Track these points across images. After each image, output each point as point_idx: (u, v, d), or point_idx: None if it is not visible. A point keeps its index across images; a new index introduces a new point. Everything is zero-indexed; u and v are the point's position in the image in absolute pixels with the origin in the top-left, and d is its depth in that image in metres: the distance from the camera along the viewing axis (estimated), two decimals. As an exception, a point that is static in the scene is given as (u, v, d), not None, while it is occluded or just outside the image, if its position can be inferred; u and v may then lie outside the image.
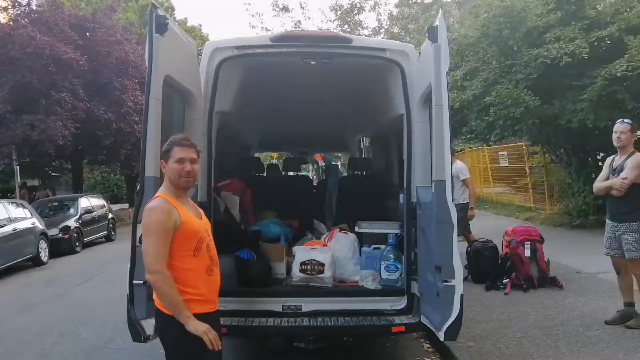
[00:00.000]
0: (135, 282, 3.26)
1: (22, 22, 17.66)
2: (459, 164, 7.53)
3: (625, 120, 4.88)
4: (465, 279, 5.34)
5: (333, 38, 4.40)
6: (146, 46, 3.34)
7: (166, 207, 2.57)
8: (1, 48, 16.14)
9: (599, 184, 4.97)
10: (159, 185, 3.34)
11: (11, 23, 17.80)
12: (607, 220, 4.99)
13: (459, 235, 4.54)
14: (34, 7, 18.95)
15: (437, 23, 3.56)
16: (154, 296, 2.69)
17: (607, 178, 4.88)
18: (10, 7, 18.59)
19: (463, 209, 7.06)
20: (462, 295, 3.38)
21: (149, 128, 3.27)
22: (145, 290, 3.24)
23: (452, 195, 3.51)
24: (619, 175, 4.73)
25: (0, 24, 17.97)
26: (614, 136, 4.81)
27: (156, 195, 2.69)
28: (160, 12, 3.38)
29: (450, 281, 3.39)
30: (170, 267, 2.56)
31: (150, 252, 2.52)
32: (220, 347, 2.58)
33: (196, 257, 2.61)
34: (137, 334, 3.26)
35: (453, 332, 3.41)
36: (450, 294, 3.38)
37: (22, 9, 18.46)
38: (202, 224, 2.73)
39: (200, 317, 2.59)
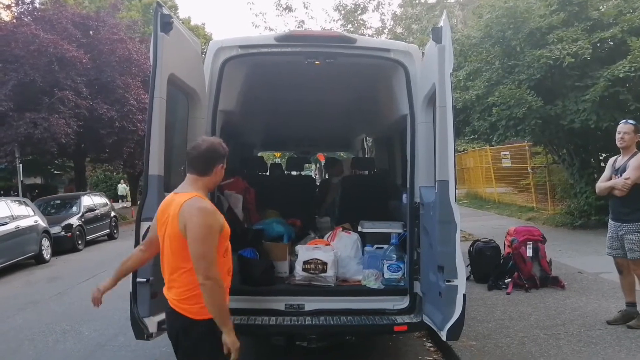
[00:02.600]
0: (138, 279, 3.26)
1: (26, 20, 17.73)
2: None
3: (629, 120, 4.89)
4: (467, 278, 5.35)
5: (337, 38, 4.39)
6: (151, 45, 3.35)
7: (217, 211, 2.53)
8: (4, 46, 16.19)
9: (601, 184, 4.96)
10: (162, 183, 3.35)
11: (14, 21, 17.86)
12: (609, 220, 5.00)
13: None
14: (37, 5, 19.05)
15: (441, 24, 3.56)
16: (194, 302, 2.50)
17: (610, 178, 4.88)
18: (13, 5, 18.65)
19: None
20: (464, 295, 3.38)
21: (153, 126, 3.28)
22: (148, 288, 3.25)
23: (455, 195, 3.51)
24: (621, 175, 4.73)
25: (3, 22, 18.02)
26: (618, 137, 4.81)
27: (195, 194, 2.50)
28: (165, 10, 3.38)
29: (453, 281, 3.39)
30: None
31: (208, 257, 2.40)
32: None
33: (224, 258, 2.58)
34: (140, 332, 3.28)
35: (455, 331, 3.42)
36: (452, 293, 3.38)
37: (25, 7, 18.54)
38: None
39: None
